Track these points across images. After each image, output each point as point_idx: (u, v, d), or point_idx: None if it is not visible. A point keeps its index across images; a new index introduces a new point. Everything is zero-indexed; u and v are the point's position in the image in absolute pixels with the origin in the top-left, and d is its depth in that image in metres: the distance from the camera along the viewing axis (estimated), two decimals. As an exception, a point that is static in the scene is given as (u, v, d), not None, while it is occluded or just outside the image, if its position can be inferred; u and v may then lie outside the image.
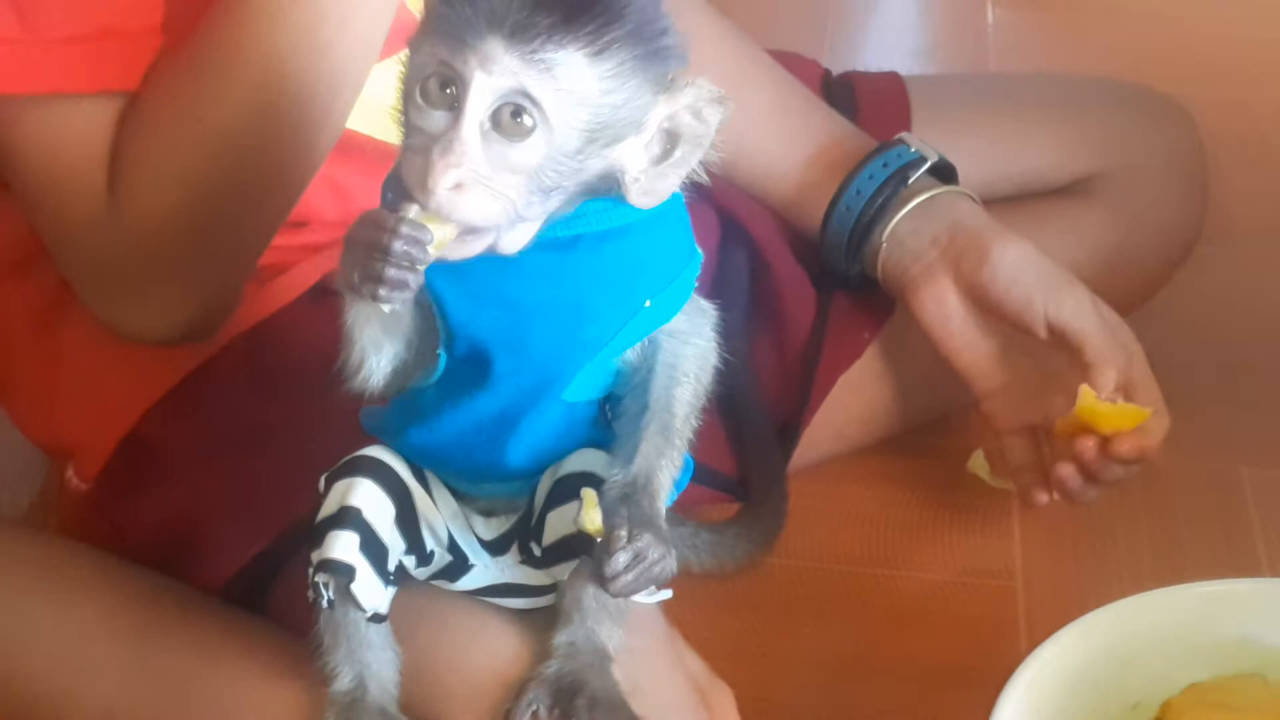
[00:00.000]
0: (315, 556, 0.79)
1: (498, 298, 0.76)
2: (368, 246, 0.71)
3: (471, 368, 0.78)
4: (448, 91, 0.71)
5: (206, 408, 1.03)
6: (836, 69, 1.36)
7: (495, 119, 0.71)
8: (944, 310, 1.14)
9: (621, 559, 0.74)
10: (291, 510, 0.95)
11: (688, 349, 0.79)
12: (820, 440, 1.24)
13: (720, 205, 1.20)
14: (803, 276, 1.22)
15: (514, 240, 0.74)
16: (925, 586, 1.21)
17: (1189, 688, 0.95)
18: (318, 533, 0.80)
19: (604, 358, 0.78)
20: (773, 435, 1.21)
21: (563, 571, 0.81)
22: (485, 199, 0.71)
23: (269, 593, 0.97)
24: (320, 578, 0.79)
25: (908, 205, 1.15)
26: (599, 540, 0.75)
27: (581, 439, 0.81)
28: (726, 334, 0.81)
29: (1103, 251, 1.29)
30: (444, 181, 0.71)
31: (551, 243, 0.75)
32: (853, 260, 1.18)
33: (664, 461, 0.78)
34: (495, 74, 0.70)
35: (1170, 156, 1.36)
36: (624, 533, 0.74)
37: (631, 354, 0.79)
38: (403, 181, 0.72)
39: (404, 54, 0.74)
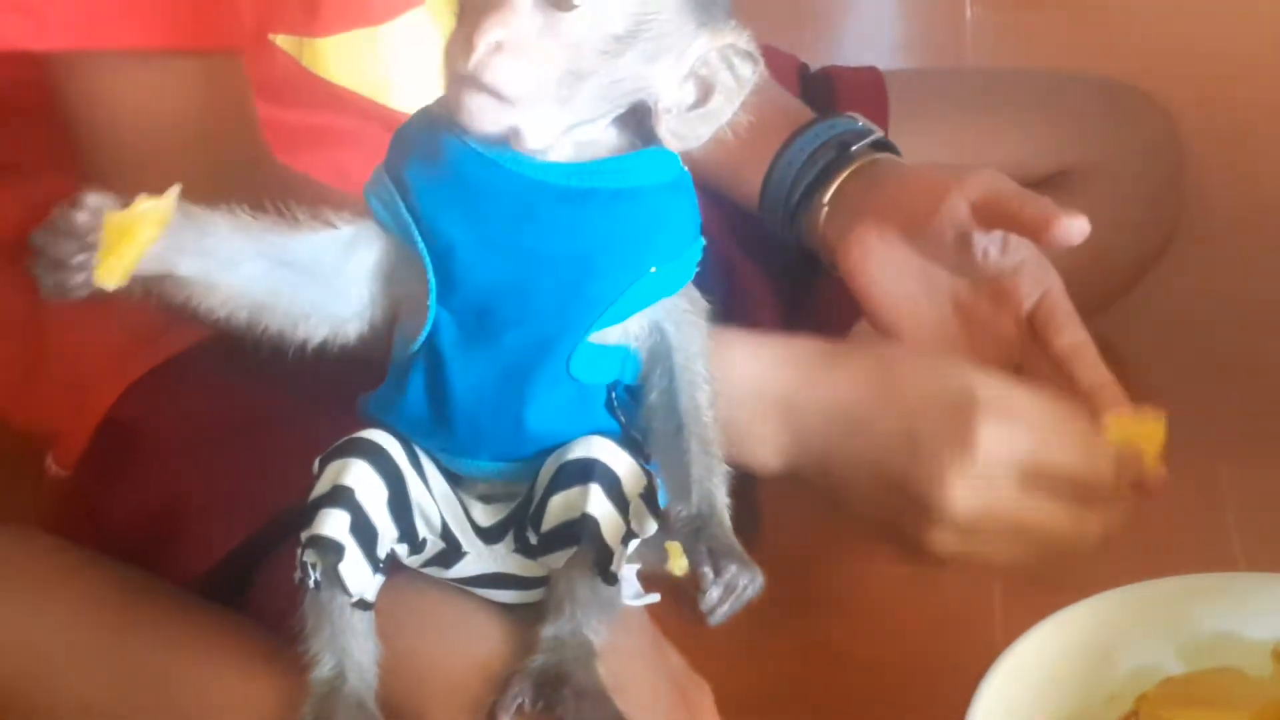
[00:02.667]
0: (304, 534, 0.79)
1: (507, 245, 0.77)
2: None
3: (473, 321, 0.78)
4: None
5: (190, 394, 1.03)
6: (815, 64, 1.36)
7: None
8: (864, 252, 1.09)
9: (715, 593, 0.76)
10: (273, 503, 0.94)
11: (694, 346, 0.80)
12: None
13: None
14: (765, 279, 1.21)
15: (538, 130, 0.74)
16: (903, 581, 1.21)
17: (1165, 681, 0.95)
18: (310, 511, 0.79)
19: (606, 321, 0.78)
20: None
21: (558, 560, 0.81)
22: (523, 65, 0.73)
23: (249, 586, 0.97)
24: (308, 556, 0.79)
25: (851, 166, 1.12)
26: (684, 578, 0.77)
27: (589, 424, 0.81)
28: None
29: (1081, 247, 1.29)
30: (489, 39, 0.72)
31: (565, 193, 0.76)
32: (790, 224, 1.15)
33: (716, 479, 0.79)
34: None
35: (1147, 152, 1.36)
36: (709, 570, 0.76)
37: (635, 335, 0.80)
38: (448, 46, 0.73)
39: None
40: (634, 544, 0.80)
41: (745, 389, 0.95)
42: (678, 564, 0.77)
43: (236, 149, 0.97)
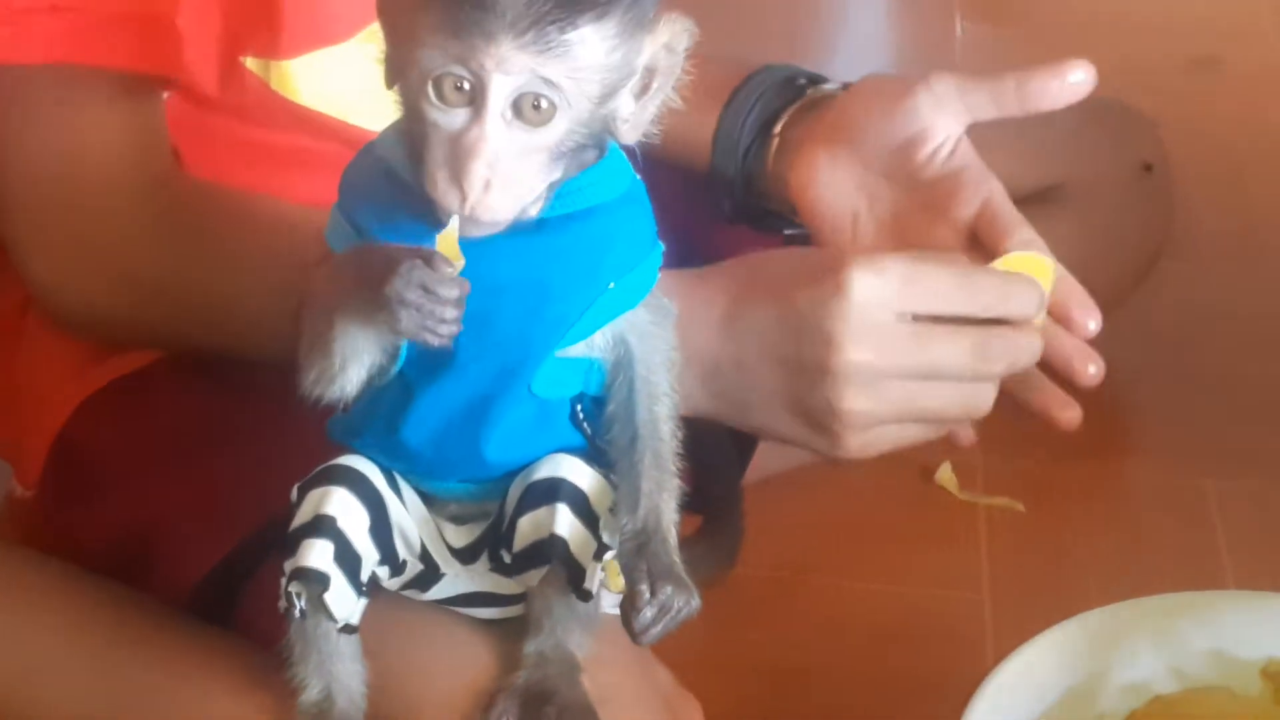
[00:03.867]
0: (288, 566, 0.79)
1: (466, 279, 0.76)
2: (408, 286, 0.71)
3: (435, 354, 0.77)
4: (462, 89, 0.71)
5: (150, 411, 1.03)
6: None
7: (516, 108, 0.72)
8: (811, 168, 1.06)
9: (649, 614, 0.76)
10: (253, 517, 0.94)
11: (657, 358, 0.80)
12: (783, 450, 1.24)
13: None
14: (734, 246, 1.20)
15: (531, 208, 0.74)
16: (893, 599, 1.21)
17: (1154, 700, 0.95)
18: (291, 541, 0.79)
19: (569, 340, 0.78)
20: (730, 445, 1.21)
21: (533, 578, 0.81)
22: (513, 189, 0.72)
23: (235, 601, 0.97)
24: (293, 587, 0.79)
25: (801, 99, 1.11)
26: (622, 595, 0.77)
27: (553, 440, 0.81)
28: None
29: (1067, 261, 1.29)
30: (478, 185, 0.71)
31: (520, 224, 0.75)
32: (741, 167, 1.13)
33: (666, 495, 0.79)
34: (513, 72, 0.71)
35: (1135, 167, 1.36)
36: (645, 588, 0.76)
37: (599, 348, 0.79)
38: (429, 182, 0.72)
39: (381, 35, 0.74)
40: (609, 555, 0.80)
41: None
42: (615, 582, 0.78)
43: (147, 167, 0.98)
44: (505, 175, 0.72)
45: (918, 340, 0.91)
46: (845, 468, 0.95)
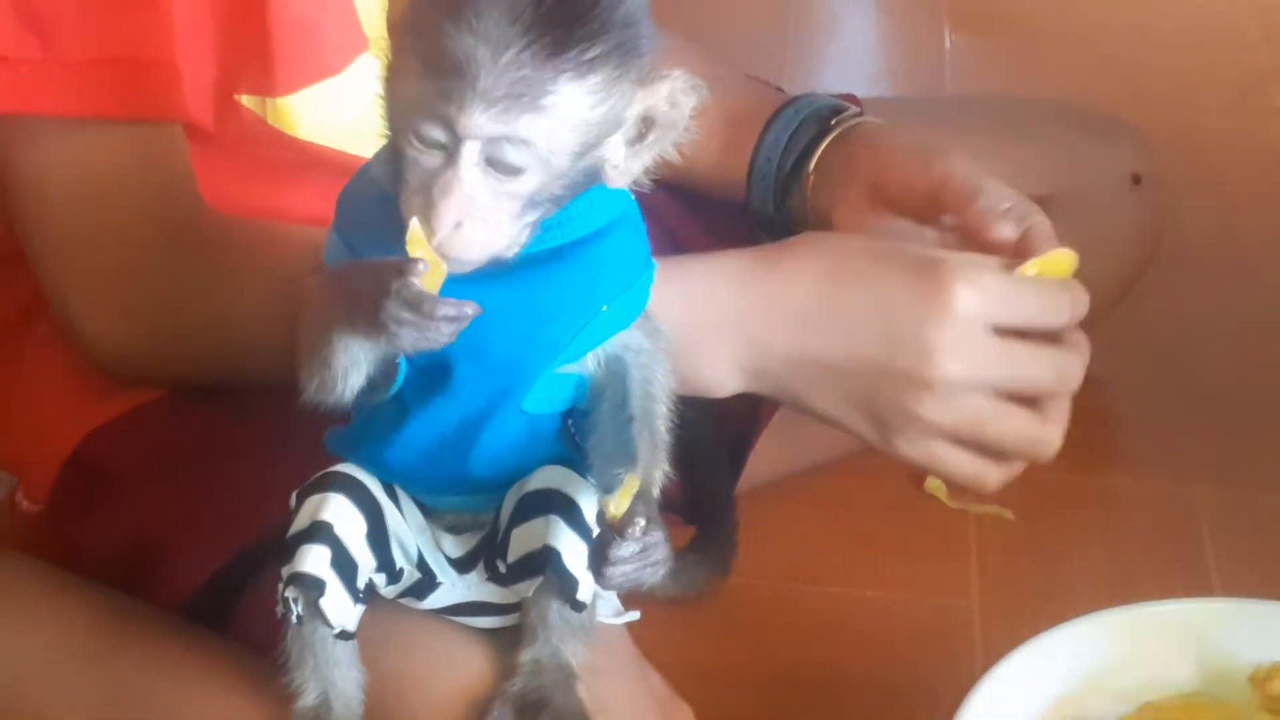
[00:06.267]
0: (285, 571, 0.79)
1: None
2: (400, 307, 0.71)
3: (432, 376, 0.78)
4: (439, 135, 0.72)
5: (161, 425, 1.03)
6: (795, 92, 1.36)
7: (490, 158, 0.72)
8: (856, 214, 1.08)
9: (630, 548, 0.75)
10: (253, 526, 0.95)
11: (657, 368, 0.80)
12: (775, 459, 1.24)
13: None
14: None
15: (510, 247, 0.75)
16: (883, 607, 1.22)
17: (1143, 707, 0.96)
18: (289, 547, 0.80)
19: (562, 362, 0.79)
20: (722, 455, 1.21)
21: (527, 588, 0.82)
22: (484, 232, 0.73)
23: (233, 609, 0.97)
24: (290, 592, 0.79)
25: (831, 135, 1.12)
26: (610, 525, 0.76)
27: (545, 454, 0.81)
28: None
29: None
30: (447, 224, 0.72)
31: (516, 257, 0.76)
32: (781, 202, 1.15)
33: (657, 474, 0.78)
34: (483, 136, 0.71)
35: (1124, 180, 1.37)
36: (642, 521, 0.75)
37: (591, 365, 0.80)
38: (405, 211, 0.73)
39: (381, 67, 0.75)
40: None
41: (698, 310, 0.94)
42: (619, 502, 0.76)
43: (172, 209, 0.98)
44: (477, 217, 0.72)
45: (1007, 356, 0.92)
46: (880, 456, 0.95)
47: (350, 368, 0.77)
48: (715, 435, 1.20)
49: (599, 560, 0.76)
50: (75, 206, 0.96)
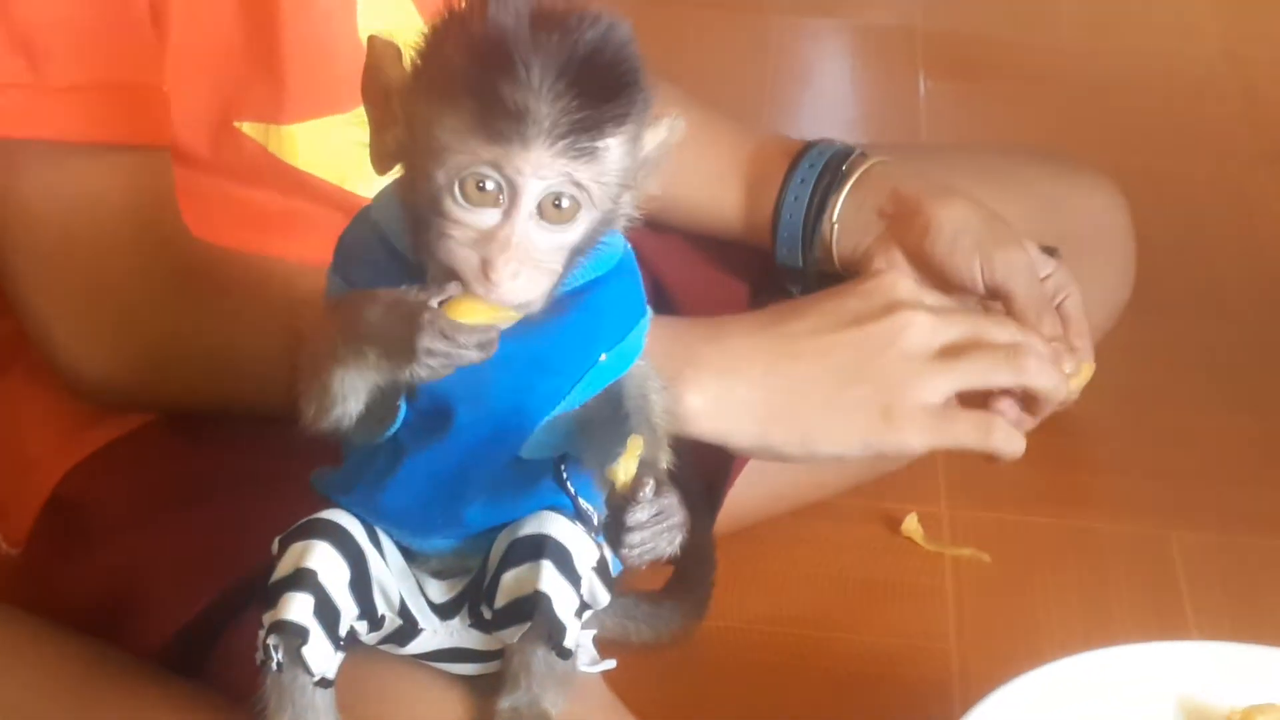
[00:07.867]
0: (268, 618, 0.79)
1: None
2: (434, 338, 0.73)
3: (431, 420, 0.79)
4: (485, 189, 0.73)
5: (136, 470, 1.03)
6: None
7: (541, 208, 0.74)
8: (889, 262, 1.14)
9: (647, 510, 0.75)
10: (228, 571, 0.95)
11: (650, 373, 0.81)
12: (751, 502, 1.24)
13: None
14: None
15: (549, 297, 0.76)
16: (860, 649, 1.22)
17: (1119, 749, 0.96)
18: (271, 594, 0.80)
19: (560, 409, 0.79)
20: (699, 496, 1.21)
21: (513, 635, 0.82)
22: (537, 277, 0.75)
23: (208, 656, 0.97)
24: (271, 639, 0.79)
25: (847, 183, 1.16)
26: (621, 492, 0.75)
27: (537, 499, 0.81)
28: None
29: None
30: (507, 275, 0.73)
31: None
32: (809, 252, 1.18)
33: (660, 455, 0.79)
34: (548, 177, 0.73)
35: (1099, 225, 1.38)
36: (653, 483, 0.76)
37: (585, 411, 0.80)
38: (451, 267, 0.74)
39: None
40: (588, 615, 0.81)
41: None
42: (626, 466, 0.76)
43: (157, 234, 0.98)
44: (534, 268, 0.74)
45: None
46: (912, 460, 1.06)
47: (349, 394, 0.77)
48: (691, 476, 1.19)
49: (615, 531, 0.76)
50: (59, 229, 0.96)
